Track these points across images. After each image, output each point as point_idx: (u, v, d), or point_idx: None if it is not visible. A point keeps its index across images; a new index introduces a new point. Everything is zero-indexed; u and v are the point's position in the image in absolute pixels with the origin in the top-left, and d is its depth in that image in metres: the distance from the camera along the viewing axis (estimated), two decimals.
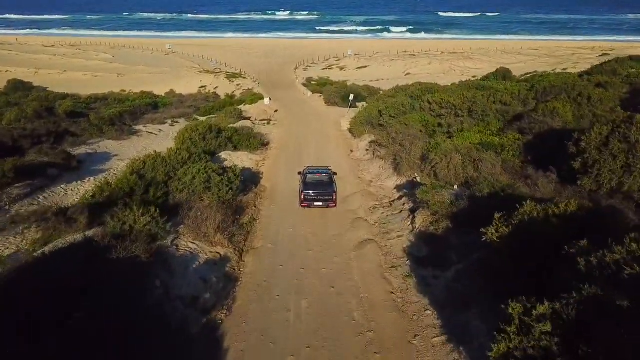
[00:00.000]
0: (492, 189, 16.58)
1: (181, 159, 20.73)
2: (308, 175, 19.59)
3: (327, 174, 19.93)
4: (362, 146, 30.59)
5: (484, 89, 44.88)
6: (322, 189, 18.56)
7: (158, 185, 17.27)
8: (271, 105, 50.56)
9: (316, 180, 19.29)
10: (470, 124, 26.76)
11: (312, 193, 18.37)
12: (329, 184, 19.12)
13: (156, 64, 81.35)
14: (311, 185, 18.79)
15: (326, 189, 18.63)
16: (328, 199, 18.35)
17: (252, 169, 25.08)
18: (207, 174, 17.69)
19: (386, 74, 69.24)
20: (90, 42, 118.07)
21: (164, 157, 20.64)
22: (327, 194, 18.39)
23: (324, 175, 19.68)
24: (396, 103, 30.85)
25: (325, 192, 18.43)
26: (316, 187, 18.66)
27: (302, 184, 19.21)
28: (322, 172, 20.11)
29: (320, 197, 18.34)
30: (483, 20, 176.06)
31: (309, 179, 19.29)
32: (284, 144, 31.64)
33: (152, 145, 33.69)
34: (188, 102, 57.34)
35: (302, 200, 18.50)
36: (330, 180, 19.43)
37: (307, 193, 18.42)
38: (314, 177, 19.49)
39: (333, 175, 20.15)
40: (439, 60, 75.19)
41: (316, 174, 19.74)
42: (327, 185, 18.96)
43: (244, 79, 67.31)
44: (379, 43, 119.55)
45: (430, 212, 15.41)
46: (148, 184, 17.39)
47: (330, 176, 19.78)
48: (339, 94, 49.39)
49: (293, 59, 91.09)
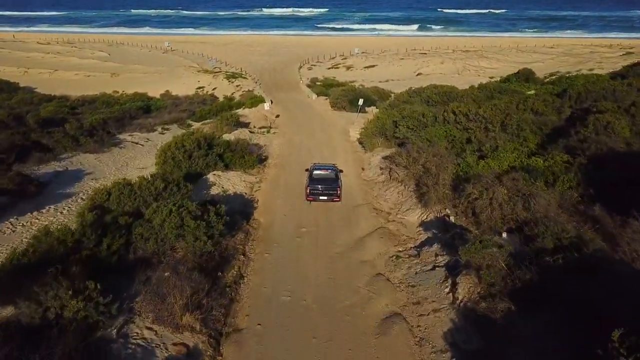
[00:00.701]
0: (557, 241, 12.41)
1: (154, 190, 16.64)
2: (315, 171, 20.52)
3: (333, 170, 20.85)
4: (375, 162, 26.40)
5: (507, 92, 40.59)
6: (327, 184, 19.44)
7: (116, 234, 13.18)
8: (272, 109, 46.38)
9: (322, 176, 20.26)
10: (504, 140, 22.50)
11: (318, 187, 19.20)
12: (334, 180, 20.05)
13: (153, 63, 77.32)
14: (317, 181, 19.71)
15: (331, 184, 19.49)
16: (332, 194, 19.16)
17: (244, 194, 20.95)
18: (181, 216, 13.57)
19: (396, 74, 64.91)
20: (88, 39, 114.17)
21: (133, 187, 16.58)
22: (332, 189, 19.23)
23: (330, 172, 20.63)
24: (415, 113, 26.62)
25: (330, 187, 19.29)
26: (322, 182, 19.53)
27: (308, 179, 20.13)
28: (328, 168, 21.02)
29: (325, 192, 19.15)
30: (489, 17, 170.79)
31: (316, 175, 20.27)
32: (285, 160, 27.50)
33: (135, 159, 29.68)
34: (183, 104, 53.26)
35: (307, 194, 19.26)
36: (336, 177, 20.36)
37: (313, 187, 19.24)
38: (321, 173, 20.46)
39: (339, 172, 21.10)
40: (451, 59, 70.70)
41: (323, 170, 20.69)
42: (332, 181, 19.84)
43: (245, 79, 63.20)
44: (386, 40, 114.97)
45: (480, 280, 11.23)
46: (103, 229, 13.32)
47: (336, 172, 20.71)
48: (347, 97, 45.14)
49: (297, 57, 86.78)
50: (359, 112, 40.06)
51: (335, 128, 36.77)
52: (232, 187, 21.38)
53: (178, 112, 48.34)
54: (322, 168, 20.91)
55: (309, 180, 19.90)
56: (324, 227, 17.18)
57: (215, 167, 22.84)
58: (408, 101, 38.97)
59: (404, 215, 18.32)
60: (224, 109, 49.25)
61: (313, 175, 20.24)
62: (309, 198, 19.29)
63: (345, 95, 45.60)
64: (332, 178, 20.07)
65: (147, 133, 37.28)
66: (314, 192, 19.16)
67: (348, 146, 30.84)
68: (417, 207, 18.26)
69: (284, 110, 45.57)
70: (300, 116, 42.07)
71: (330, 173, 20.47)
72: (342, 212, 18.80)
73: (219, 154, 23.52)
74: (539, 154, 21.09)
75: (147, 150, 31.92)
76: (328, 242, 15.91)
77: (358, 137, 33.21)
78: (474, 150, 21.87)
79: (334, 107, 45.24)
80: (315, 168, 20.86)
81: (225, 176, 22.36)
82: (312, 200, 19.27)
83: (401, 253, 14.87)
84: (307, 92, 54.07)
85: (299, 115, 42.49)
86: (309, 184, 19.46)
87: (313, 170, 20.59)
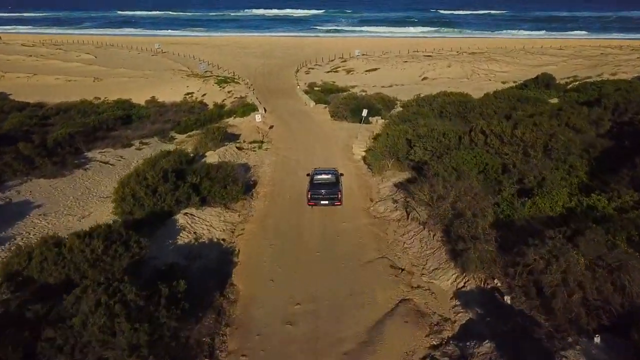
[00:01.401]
0: None
1: (91, 254, 12.09)
2: (316, 176, 20.56)
3: (334, 174, 20.85)
4: (385, 191, 21.90)
5: (529, 101, 36.11)
6: (328, 189, 19.56)
7: (16, 339, 8.61)
8: (265, 119, 41.82)
9: (323, 180, 20.28)
10: (548, 168, 17.98)
11: (320, 192, 19.40)
12: (335, 184, 20.09)
13: (140, 66, 72.56)
14: (318, 185, 19.82)
15: (332, 189, 19.63)
16: (334, 198, 19.35)
17: (223, 242, 16.40)
18: (112, 313, 9.02)
19: (400, 78, 60.41)
20: (77, 40, 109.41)
21: (62, 250, 12.04)
22: (333, 193, 19.41)
23: (331, 176, 20.63)
24: (433, 131, 22.08)
25: (332, 192, 19.46)
26: (323, 187, 19.67)
27: (309, 183, 20.12)
28: (329, 172, 21.01)
29: (327, 196, 19.31)
30: (489, 18, 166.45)
31: (317, 180, 20.28)
32: (277, 187, 22.95)
33: (101, 184, 25.06)
34: (169, 113, 48.60)
35: (309, 199, 19.42)
36: (337, 181, 20.41)
37: (314, 192, 19.39)
38: (321, 178, 20.44)
39: (339, 175, 21.13)
40: (459, 62, 66.19)
41: (324, 175, 20.66)
42: (333, 185, 19.93)
43: (237, 84, 58.59)
44: (386, 42, 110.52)
45: None
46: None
47: (336, 176, 20.75)
48: (348, 106, 40.65)
49: (294, 60, 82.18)
50: (362, 123, 35.58)
51: (336, 143, 32.24)
52: (207, 231, 16.83)
53: (162, 123, 43.71)
54: (323, 172, 20.97)
55: (310, 185, 20.03)
56: (325, 302, 12.57)
57: (189, 202, 18.25)
58: (418, 112, 34.46)
59: (432, 277, 13.79)
60: (213, 118, 44.67)
61: (314, 179, 20.35)
62: (310, 203, 19.49)
63: (347, 104, 41.09)
64: (333, 182, 20.24)
65: (121, 149, 32.63)
66: (316, 197, 19.40)
67: (352, 167, 26.29)
68: (450, 267, 13.72)
69: (278, 120, 41.03)
70: (297, 128, 37.53)
71: (331, 177, 20.58)
72: (350, 272, 14.23)
73: (193, 185, 18.93)
74: (594, 187, 16.61)
75: (117, 172, 27.30)
76: (331, 332, 11.31)
77: (363, 155, 28.74)
78: (512, 182, 17.35)
79: (334, 116, 40.74)
80: (316, 173, 20.92)
81: (201, 215, 17.77)
82: (313, 205, 19.44)
83: (438, 354, 10.28)
84: (305, 98, 49.54)
85: (295, 127, 37.95)
86: (310, 189, 19.65)
87: (314, 175, 20.70)
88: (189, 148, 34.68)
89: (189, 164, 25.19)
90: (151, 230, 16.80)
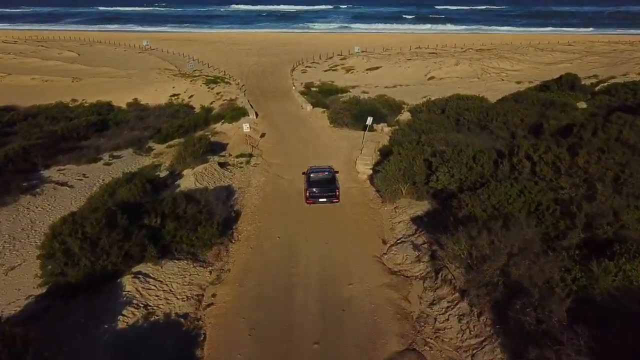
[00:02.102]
0: None
1: None
2: (312, 174, 20.76)
3: (329, 172, 21.02)
4: (400, 227, 17.44)
5: (556, 106, 31.59)
6: (325, 186, 19.84)
7: None
8: (257, 126, 37.22)
9: (320, 178, 20.43)
10: (622, 209, 13.45)
11: (317, 190, 19.66)
12: (332, 181, 20.30)
13: (125, 65, 67.64)
14: (315, 183, 20.01)
15: (329, 186, 19.88)
16: (331, 195, 19.67)
17: (183, 321, 11.83)
18: None
19: (404, 78, 55.79)
20: (62, 37, 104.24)
21: None
22: (330, 191, 19.72)
23: (327, 174, 20.78)
24: (462, 154, 17.51)
25: (329, 189, 19.75)
26: (320, 185, 19.90)
27: (306, 182, 20.41)
28: (325, 170, 21.16)
29: (324, 194, 19.64)
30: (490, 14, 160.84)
31: (313, 178, 20.46)
32: (265, 223, 18.39)
33: (49, 216, 20.42)
34: (150, 117, 43.94)
35: (307, 197, 19.66)
36: (333, 178, 20.62)
37: (312, 190, 19.65)
38: (318, 176, 20.60)
39: (335, 173, 21.25)
40: (467, 59, 61.48)
41: (320, 173, 20.83)
42: (330, 183, 20.13)
43: (228, 85, 53.87)
44: (386, 38, 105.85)
45: None
46: None
47: (332, 174, 20.92)
48: (349, 111, 36.06)
49: (290, 58, 77.39)
50: (366, 131, 31.00)
51: (337, 156, 27.67)
52: (164, 301, 12.26)
53: (141, 130, 39.06)
54: (319, 171, 21.15)
55: (307, 183, 20.18)
56: None
57: (142, 257, 13.68)
58: (431, 120, 29.90)
59: None
60: (198, 125, 40.01)
61: (311, 178, 20.49)
62: (308, 201, 19.67)
63: (348, 109, 36.49)
64: (329, 179, 20.40)
65: (86, 165, 28.03)
66: (313, 195, 19.60)
67: (357, 192, 21.73)
68: None
69: (271, 127, 36.44)
70: (292, 136, 32.92)
71: (327, 175, 20.72)
72: None
73: (151, 229, 14.35)
74: None
75: (75, 197, 22.72)
76: None
77: (369, 173, 24.25)
78: (579, 232, 12.82)
79: (334, 123, 36.12)
80: (312, 171, 21.12)
81: (158, 276, 13.18)
82: (311, 203, 19.61)
83: None
84: (301, 101, 44.90)
85: (289, 135, 33.35)
86: (308, 187, 19.82)
87: (310, 174, 20.89)
88: (167, 162, 30.20)
89: (157, 190, 20.63)
90: (89, 299, 12.29)
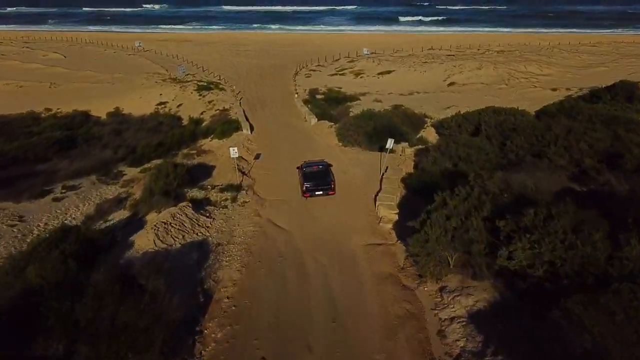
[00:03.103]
0: None
1: None
2: (306, 169, 21.43)
3: (323, 165, 21.82)
4: (455, 333, 11.41)
5: (618, 122, 25.20)
6: (320, 179, 20.65)
7: None
8: (251, 143, 31.02)
9: (314, 172, 21.12)
10: None
11: (313, 183, 20.42)
12: (326, 174, 21.14)
13: (111, 68, 61.60)
14: (310, 177, 20.70)
15: (324, 179, 20.73)
16: (327, 188, 20.48)
17: None
18: None
19: (421, 84, 49.46)
20: (55, 37, 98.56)
21: None
22: (326, 183, 20.57)
23: (321, 167, 21.53)
24: (555, 223, 11.22)
25: (324, 182, 20.59)
26: (315, 179, 20.62)
27: (301, 177, 21.10)
28: (319, 164, 21.90)
29: (320, 187, 20.42)
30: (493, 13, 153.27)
31: (308, 171, 21.12)
32: (245, 323, 12.20)
33: None
34: (129, 131, 37.88)
35: (304, 191, 20.45)
36: (327, 171, 21.45)
37: (308, 184, 20.39)
38: (312, 170, 21.25)
39: (329, 166, 22.16)
40: (491, 62, 55.02)
41: (314, 167, 21.51)
42: (324, 176, 20.95)
43: (222, 92, 47.76)
44: (394, 38, 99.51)
45: None
46: None
47: (326, 167, 21.69)
48: (362, 128, 29.87)
49: (292, 60, 71.26)
50: (387, 153, 24.64)
51: (349, 193, 21.47)
52: None
53: (114, 148, 32.99)
54: (313, 165, 21.81)
55: (303, 177, 20.85)
56: None
57: None
58: (470, 144, 23.55)
59: None
60: (183, 141, 33.89)
61: (305, 172, 21.07)
62: (305, 195, 20.34)
63: (360, 125, 30.25)
64: (323, 172, 21.14)
65: (28, 202, 21.93)
66: (310, 188, 20.27)
67: (381, 255, 15.46)
68: None
69: (268, 145, 30.29)
70: (293, 160, 26.67)
71: (321, 168, 21.37)
72: None
73: None
74: None
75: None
76: None
77: (395, 220, 18.05)
78: None
79: (344, 141, 29.94)
80: (306, 165, 21.79)
81: None
82: (308, 196, 20.27)
83: None
84: (304, 112, 38.73)
85: (289, 158, 27.13)
86: (304, 182, 20.49)
87: (304, 168, 21.51)
88: (137, 193, 24.12)
89: (95, 257, 14.45)
90: None
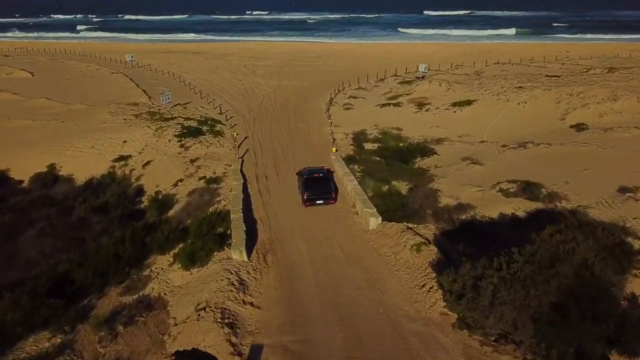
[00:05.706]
0: None
1: None
2: (306, 176, 20.96)
3: (324, 173, 21.57)
4: None
5: None
6: (321, 188, 20.28)
7: None
8: (247, 294, 13.84)
9: (315, 180, 20.68)
10: None
11: (314, 192, 20.05)
12: (327, 182, 20.90)
13: (78, 93, 45.71)
14: (311, 186, 20.29)
15: (325, 188, 20.41)
16: (328, 197, 20.20)
17: None
18: None
19: (526, 123, 31.47)
20: (47, 48, 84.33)
21: None
22: (327, 192, 20.29)
23: (322, 175, 21.20)
24: None
25: (325, 191, 20.28)
26: (316, 187, 20.23)
27: (302, 185, 20.67)
28: (319, 172, 21.50)
29: (321, 196, 20.12)
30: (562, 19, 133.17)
31: (308, 180, 20.66)
32: None
33: None
34: (35, 228, 21.03)
35: (304, 200, 20.06)
36: (328, 179, 21.23)
37: (309, 192, 20.03)
38: (313, 177, 20.81)
39: (330, 173, 22.48)
40: (621, 88, 36.59)
41: (314, 174, 21.10)
42: (325, 184, 20.64)
43: (218, 137, 31.08)
44: (445, 48, 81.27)
45: None
46: None
47: (326, 175, 21.50)
48: None
49: (324, 78, 54.12)
50: None
51: None
52: None
53: None
54: (314, 172, 21.33)
55: (304, 186, 20.32)
56: None
57: None
58: None
59: None
60: (118, 271, 16.85)
61: (306, 180, 20.60)
62: (306, 204, 20.01)
63: None
64: (324, 180, 20.84)
65: None
66: (311, 197, 19.93)
67: None
68: None
69: (282, 298, 12.96)
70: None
71: (322, 176, 21.04)
72: None
73: None
74: None
75: None
76: None
77: None
78: None
79: (453, 297, 12.33)
80: (306, 173, 21.32)
81: None
82: (309, 205, 19.96)
83: None
84: (352, 189, 21.32)
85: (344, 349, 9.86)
86: (305, 190, 20.05)
87: (304, 176, 21.01)
88: None
89: None
90: None
